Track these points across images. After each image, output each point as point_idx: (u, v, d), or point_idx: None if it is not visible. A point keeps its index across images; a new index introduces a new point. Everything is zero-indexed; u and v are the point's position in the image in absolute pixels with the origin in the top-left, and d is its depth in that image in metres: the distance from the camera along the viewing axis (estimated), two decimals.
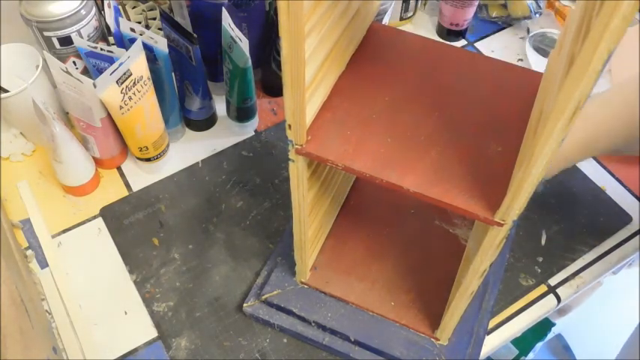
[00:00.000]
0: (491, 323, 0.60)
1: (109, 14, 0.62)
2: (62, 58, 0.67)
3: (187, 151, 0.73)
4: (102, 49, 0.61)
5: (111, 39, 0.70)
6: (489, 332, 0.59)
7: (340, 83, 0.42)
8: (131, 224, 0.66)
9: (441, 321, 0.52)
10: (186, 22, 0.73)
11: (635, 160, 0.73)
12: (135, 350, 0.58)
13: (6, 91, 0.65)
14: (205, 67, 0.68)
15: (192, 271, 0.63)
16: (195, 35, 0.63)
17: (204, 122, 0.75)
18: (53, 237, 0.66)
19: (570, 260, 0.64)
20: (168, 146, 0.71)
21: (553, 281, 0.63)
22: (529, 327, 0.63)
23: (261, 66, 0.77)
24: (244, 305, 0.59)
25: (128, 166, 0.72)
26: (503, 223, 0.36)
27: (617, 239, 0.66)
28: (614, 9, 0.22)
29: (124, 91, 0.59)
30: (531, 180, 0.32)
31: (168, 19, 0.64)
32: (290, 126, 0.37)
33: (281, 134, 0.75)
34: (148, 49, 0.62)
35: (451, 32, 0.86)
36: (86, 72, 0.68)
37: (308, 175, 0.43)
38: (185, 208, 0.68)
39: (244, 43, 0.61)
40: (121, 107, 0.60)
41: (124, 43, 0.63)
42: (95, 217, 0.68)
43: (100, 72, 0.60)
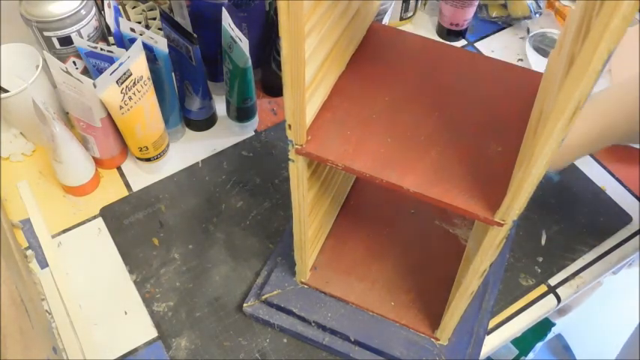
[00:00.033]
0: (491, 323, 0.60)
1: (109, 14, 0.62)
2: (62, 58, 0.67)
3: (187, 151, 0.73)
4: (102, 49, 0.61)
5: (111, 39, 0.70)
6: (489, 332, 0.59)
7: (340, 83, 0.42)
8: (131, 224, 0.66)
9: (441, 321, 0.52)
10: (186, 22, 0.73)
11: (635, 160, 0.73)
12: (135, 350, 0.58)
13: (6, 91, 0.65)
14: (205, 67, 0.68)
15: (192, 271, 0.63)
16: (195, 35, 0.63)
17: (204, 122, 0.75)
18: (53, 237, 0.66)
19: (570, 260, 0.64)
20: (168, 146, 0.71)
21: (553, 281, 0.63)
22: (529, 327, 0.63)
23: (261, 66, 0.77)
24: (244, 305, 0.59)
25: (128, 166, 0.72)
26: (503, 223, 0.36)
27: (617, 239, 0.66)
28: (614, 9, 0.22)
29: (124, 91, 0.59)
30: (531, 180, 0.32)
31: (168, 19, 0.64)
32: (290, 126, 0.37)
33: (281, 134, 0.75)
34: (148, 49, 0.62)
35: (451, 32, 0.86)
36: (86, 72, 0.68)
37: (308, 175, 0.43)
38: (185, 208, 0.68)
39: (244, 43, 0.61)
40: (121, 107, 0.60)
41: (124, 43, 0.63)
42: (95, 217, 0.68)
43: (100, 72, 0.60)
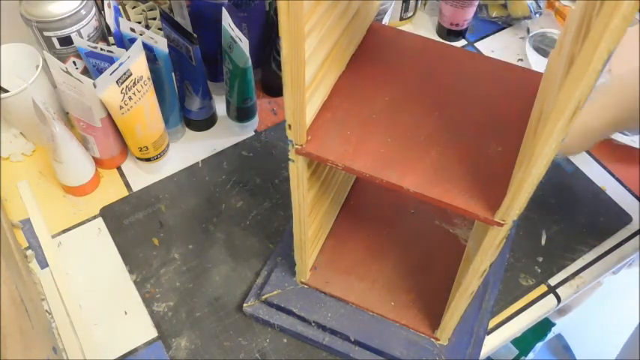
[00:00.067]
0: (491, 323, 0.60)
1: (109, 14, 0.62)
2: (62, 58, 0.67)
3: (187, 151, 0.73)
4: (102, 49, 0.61)
5: (111, 39, 0.70)
6: (489, 332, 0.59)
7: (340, 83, 0.42)
8: (131, 224, 0.66)
9: (441, 321, 0.52)
10: (186, 22, 0.73)
11: (635, 160, 0.73)
12: (135, 350, 0.58)
13: (6, 91, 0.65)
14: (205, 67, 0.68)
15: (192, 271, 0.63)
16: (195, 35, 0.63)
17: (204, 122, 0.75)
18: (53, 237, 0.66)
19: (570, 260, 0.64)
20: (168, 146, 0.71)
21: (553, 281, 0.63)
22: (529, 327, 0.63)
23: (261, 66, 0.77)
24: (244, 305, 0.59)
25: (128, 166, 0.72)
26: (503, 223, 0.36)
27: (617, 239, 0.66)
28: (614, 9, 0.22)
29: (124, 91, 0.59)
30: (531, 180, 0.32)
31: (168, 19, 0.64)
32: (290, 126, 0.37)
33: (281, 134, 0.75)
34: (148, 49, 0.62)
35: (451, 32, 0.86)
36: (86, 72, 0.68)
37: (308, 175, 0.43)
38: (185, 208, 0.68)
39: (244, 43, 0.61)
40: (121, 107, 0.60)
41: (124, 43, 0.63)
42: (95, 217, 0.68)
43: (100, 72, 0.60)
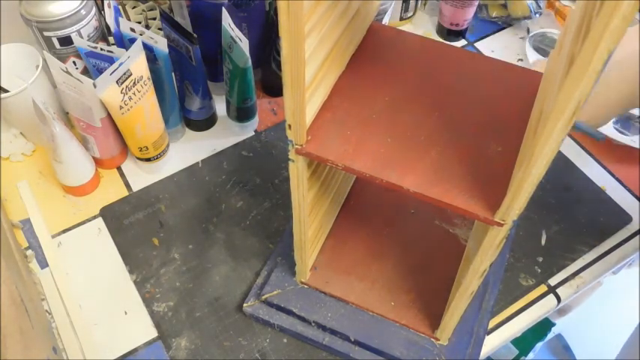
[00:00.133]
0: (491, 323, 0.60)
1: (109, 14, 0.62)
2: (62, 58, 0.67)
3: (187, 151, 0.73)
4: (102, 49, 0.61)
5: (111, 39, 0.70)
6: (489, 332, 0.59)
7: (340, 83, 0.42)
8: (131, 224, 0.66)
9: (441, 321, 0.52)
10: (186, 22, 0.73)
11: (635, 160, 0.73)
12: (135, 350, 0.58)
13: (6, 91, 0.65)
14: (205, 67, 0.68)
15: (192, 271, 0.63)
16: (195, 35, 0.63)
17: (204, 122, 0.75)
18: (53, 237, 0.66)
19: (570, 260, 0.64)
20: (168, 146, 0.71)
21: (553, 281, 0.63)
22: (529, 327, 0.63)
23: (261, 66, 0.77)
24: (244, 305, 0.59)
25: (128, 166, 0.72)
26: (503, 223, 0.36)
27: (617, 239, 0.66)
28: (614, 9, 0.22)
29: (124, 91, 0.59)
30: (531, 180, 0.32)
31: (168, 19, 0.64)
32: (290, 126, 0.37)
33: (281, 134, 0.75)
34: (148, 49, 0.62)
35: (451, 32, 0.86)
36: (86, 72, 0.68)
37: (308, 175, 0.43)
38: (185, 208, 0.68)
39: (244, 43, 0.61)
40: (121, 107, 0.60)
41: (124, 43, 0.63)
42: (95, 217, 0.68)
43: (100, 72, 0.60)
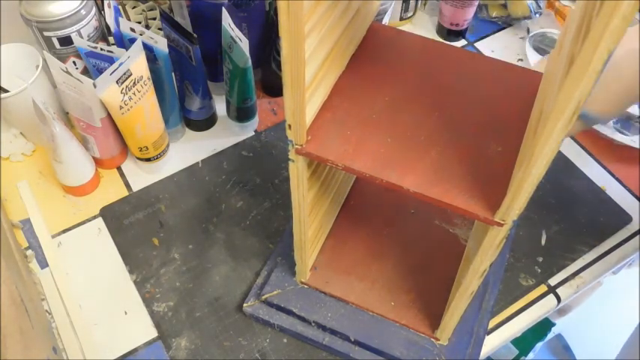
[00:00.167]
0: (491, 323, 0.60)
1: (109, 14, 0.62)
2: (62, 58, 0.67)
3: (187, 151, 0.73)
4: (102, 49, 0.61)
5: (111, 39, 0.70)
6: (489, 332, 0.59)
7: (340, 83, 0.42)
8: (131, 224, 0.66)
9: (441, 321, 0.52)
10: (186, 22, 0.73)
11: (635, 160, 0.73)
12: (135, 350, 0.58)
13: (6, 91, 0.65)
14: (205, 67, 0.68)
15: (192, 271, 0.63)
16: (195, 35, 0.63)
17: (204, 122, 0.75)
18: (53, 237, 0.66)
19: (570, 260, 0.64)
20: (168, 146, 0.71)
21: (553, 281, 0.63)
22: (529, 327, 0.63)
23: (261, 66, 0.77)
24: (244, 305, 0.59)
25: (128, 166, 0.72)
26: (503, 223, 0.36)
27: (617, 239, 0.66)
28: (614, 9, 0.22)
29: (124, 91, 0.59)
30: (531, 180, 0.32)
31: (168, 19, 0.64)
32: (290, 126, 0.37)
33: (281, 134, 0.75)
34: (148, 49, 0.62)
35: (451, 32, 0.86)
36: (86, 72, 0.68)
37: (308, 175, 0.43)
38: (185, 208, 0.68)
39: (244, 43, 0.61)
40: (121, 107, 0.60)
41: (124, 43, 0.63)
42: (95, 217, 0.68)
43: (100, 72, 0.60)
